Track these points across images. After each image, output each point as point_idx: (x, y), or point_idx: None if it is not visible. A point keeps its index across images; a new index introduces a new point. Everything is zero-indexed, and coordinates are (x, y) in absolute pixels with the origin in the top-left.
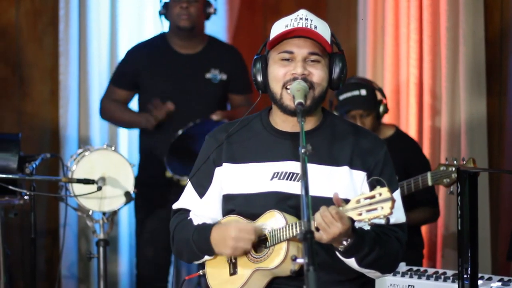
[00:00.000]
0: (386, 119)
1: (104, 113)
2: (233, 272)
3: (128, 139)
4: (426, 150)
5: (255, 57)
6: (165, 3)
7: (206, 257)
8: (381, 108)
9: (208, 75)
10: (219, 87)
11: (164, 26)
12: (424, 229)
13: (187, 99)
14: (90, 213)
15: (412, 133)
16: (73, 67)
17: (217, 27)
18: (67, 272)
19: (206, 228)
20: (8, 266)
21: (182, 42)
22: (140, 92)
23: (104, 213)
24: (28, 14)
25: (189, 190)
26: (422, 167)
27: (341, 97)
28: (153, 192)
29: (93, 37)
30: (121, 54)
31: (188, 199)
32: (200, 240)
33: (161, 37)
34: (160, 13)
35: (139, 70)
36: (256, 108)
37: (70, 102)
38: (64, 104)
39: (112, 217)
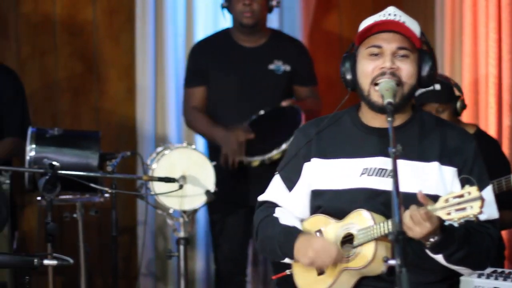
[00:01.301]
0: (465, 118)
1: (189, 126)
2: (321, 272)
3: None
4: (506, 150)
5: (344, 55)
6: None
7: (287, 260)
8: (458, 104)
9: (271, 66)
10: (282, 78)
11: (226, 18)
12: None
13: (252, 91)
14: (171, 211)
15: (491, 132)
16: (149, 65)
17: (292, 25)
18: (145, 270)
19: (294, 232)
20: (88, 264)
21: (245, 36)
22: (206, 87)
23: (184, 212)
24: (104, 12)
25: (277, 183)
26: (502, 167)
27: (416, 93)
28: (227, 189)
29: (169, 35)
30: None
31: (275, 192)
32: (286, 242)
33: (224, 32)
34: (223, 6)
35: (205, 65)
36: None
37: (147, 100)
38: (141, 102)
39: (192, 215)
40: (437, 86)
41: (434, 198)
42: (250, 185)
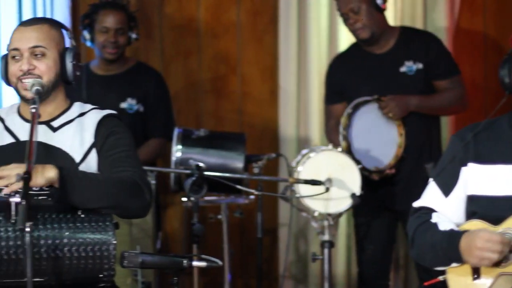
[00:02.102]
0: None
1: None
2: (476, 277)
3: None
4: None
5: (504, 58)
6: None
7: (454, 264)
8: None
9: (402, 69)
10: (417, 78)
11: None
12: None
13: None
14: (316, 214)
15: None
16: (292, 66)
17: (436, 28)
18: (286, 272)
19: (456, 236)
20: (231, 265)
21: (371, 46)
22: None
23: (329, 215)
24: (248, 13)
25: (433, 189)
26: None
27: None
28: (372, 192)
29: (313, 37)
30: None
31: (431, 197)
32: (450, 247)
33: (355, 44)
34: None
35: (341, 81)
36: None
37: (290, 101)
38: (284, 104)
39: (336, 218)
40: None
41: None
42: (395, 189)
